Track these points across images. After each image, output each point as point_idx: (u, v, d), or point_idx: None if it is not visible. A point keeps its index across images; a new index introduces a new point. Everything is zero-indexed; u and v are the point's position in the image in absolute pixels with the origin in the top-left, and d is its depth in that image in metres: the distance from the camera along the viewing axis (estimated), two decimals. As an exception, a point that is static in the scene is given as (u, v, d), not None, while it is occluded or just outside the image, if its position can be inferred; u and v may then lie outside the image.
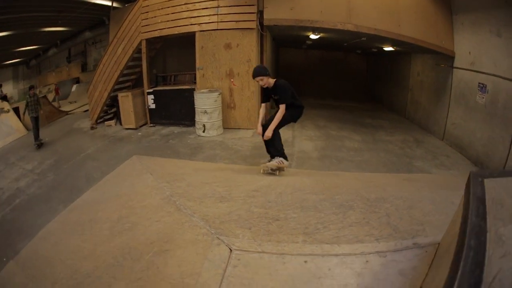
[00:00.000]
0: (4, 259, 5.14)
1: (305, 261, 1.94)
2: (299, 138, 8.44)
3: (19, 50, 24.63)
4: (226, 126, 9.48)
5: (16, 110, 16.10)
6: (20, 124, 15.49)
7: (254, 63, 9.11)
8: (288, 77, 16.05)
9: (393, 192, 3.33)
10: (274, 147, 5.45)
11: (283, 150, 5.47)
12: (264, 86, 5.30)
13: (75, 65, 25.69)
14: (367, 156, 6.98)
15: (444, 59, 8.69)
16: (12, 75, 30.51)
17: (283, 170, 5.47)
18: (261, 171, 5.36)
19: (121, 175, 6.32)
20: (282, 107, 5.28)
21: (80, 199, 5.72)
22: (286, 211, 2.74)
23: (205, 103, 8.82)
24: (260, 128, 5.44)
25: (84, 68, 25.08)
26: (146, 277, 2.43)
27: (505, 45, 6.63)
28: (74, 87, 24.24)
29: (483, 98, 7.16)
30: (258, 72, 5.27)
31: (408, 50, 10.49)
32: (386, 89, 14.45)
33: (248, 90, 9.36)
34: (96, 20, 20.78)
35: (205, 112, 8.76)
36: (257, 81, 5.30)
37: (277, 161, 5.31)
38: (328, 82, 17.71)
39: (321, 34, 10.13)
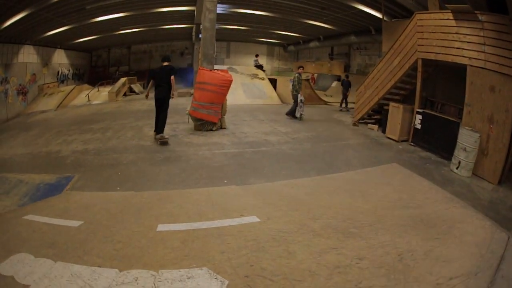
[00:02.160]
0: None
1: None
2: None
3: (277, 33, 27.34)
4: (475, 171, 8.78)
5: (273, 82, 18.34)
6: (275, 94, 17.55)
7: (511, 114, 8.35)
8: None
9: None
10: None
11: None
12: None
13: (338, 64, 27.30)
14: None
15: None
16: (266, 51, 34.55)
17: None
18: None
19: (385, 172, 7.47)
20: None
21: (338, 175, 7.13)
22: None
23: (467, 140, 8.70)
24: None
25: (346, 69, 26.24)
26: (442, 238, 3.97)
27: None
28: (334, 83, 25.95)
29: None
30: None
31: None
32: None
33: (501, 142, 8.40)
34: (362, 27, 21.54)
35: (465, 149, 8.67)
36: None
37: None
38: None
39: None
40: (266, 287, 2.93)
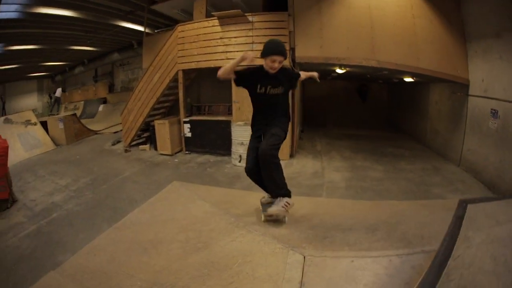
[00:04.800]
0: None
1: (352, 261, 3.02)
2: (328, 170, 9.04)
3: (46, 65, 25.69)
4: None
5: (44, 124, 16.67)
6: (48, 138, 16.06)
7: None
8: (313, 107, 18.41)
9: (410, 216, 4.43)
10: (273, 180, 4.29)
11: (285, 182, 4.37)
12: (272, 71, 4.12)
13: (102, 85, 26.58)
14: (388, 185, 7.52)
15: (459, 87, 9.21)
16: (37, 87, 32.19)
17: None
18: (262, 219, 4.56)
19: (168, 199, 6.82)
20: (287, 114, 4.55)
21: (126, 219, 6.11)
22: (331, 232, 3.82)
23: (242, 135, 9.36)
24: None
25: (111, 89, 25.94)
26: (238, 280, 3.29)
27: (512, 70, 7.29)
28: (101, 107, 24.78)
29: (495, 123, 7.63)
30: (281, 50, 4.07)
31: (427, 80, 11.01)
32: (407, 118, 15.04)
33: None
34: (125, 43, 21.71)
35: (242, 143, 9.32)
36: (271, 62, 4.05)
37: (282, 204, 4.23)
38: (352, 112, 18.79)
39: (347, 69, 10.83)
40: None
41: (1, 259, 6.21)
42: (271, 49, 4.04)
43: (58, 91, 22.93)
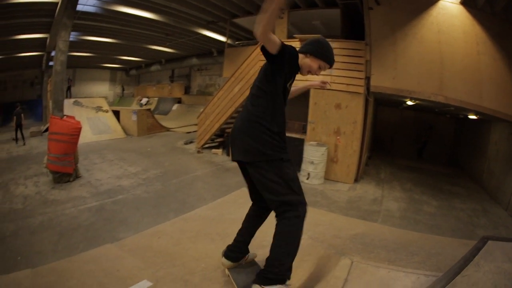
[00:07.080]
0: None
1: (388, 271, 3.81)
2: (387, 198, 9.45)
3: (121, 58, 26.99)
4: (327, 177, 10.55)
5: (116, 113, 18.07)
6: (119, 127, 17.33)
7: (359, 125, 10.33)
8: (383, 134, 19.41)
9: (449, 251, 5.20)
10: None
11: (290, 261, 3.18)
12: (305, 74, 3.54)
13: (178, 86, 27.96)
14: (439, 221, 7.89)
15: (517, 128, 8.84)
16: (109, 77, 34.04)
17: None
18: None
19: (237, 202, 7.44)
20: None
21: (194, 212, 6.91)
22: (377, 250, 4.69)
23: (314, 154, 10.01)
24: None
25: (187, 91, 27.24)
26: (295, 273, 3.88)
27: None
28: (175, 106, 26.16)
29: (543, 168, 7.24)
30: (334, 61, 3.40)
31: (488, 118, 10.94)
32: (468, 155, 15.03)
33: (351, 148, 10.40)
34: (204, 50, 22.45)
35: (312, 162, 9.85)
36: (318, 68, 3.38)
37: None
38: (418, 143, 19.12)
39: (417, 102, 11.36)
40: None
41: (55, 224, 6.83)
42: (331, 57, 3.36)
43: (145, 100, 24.72)
